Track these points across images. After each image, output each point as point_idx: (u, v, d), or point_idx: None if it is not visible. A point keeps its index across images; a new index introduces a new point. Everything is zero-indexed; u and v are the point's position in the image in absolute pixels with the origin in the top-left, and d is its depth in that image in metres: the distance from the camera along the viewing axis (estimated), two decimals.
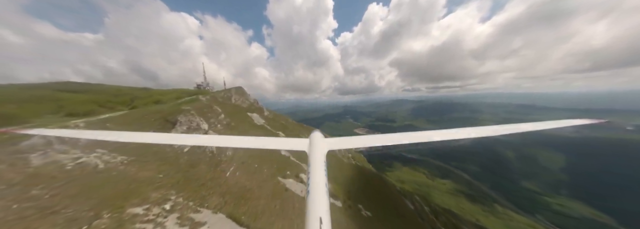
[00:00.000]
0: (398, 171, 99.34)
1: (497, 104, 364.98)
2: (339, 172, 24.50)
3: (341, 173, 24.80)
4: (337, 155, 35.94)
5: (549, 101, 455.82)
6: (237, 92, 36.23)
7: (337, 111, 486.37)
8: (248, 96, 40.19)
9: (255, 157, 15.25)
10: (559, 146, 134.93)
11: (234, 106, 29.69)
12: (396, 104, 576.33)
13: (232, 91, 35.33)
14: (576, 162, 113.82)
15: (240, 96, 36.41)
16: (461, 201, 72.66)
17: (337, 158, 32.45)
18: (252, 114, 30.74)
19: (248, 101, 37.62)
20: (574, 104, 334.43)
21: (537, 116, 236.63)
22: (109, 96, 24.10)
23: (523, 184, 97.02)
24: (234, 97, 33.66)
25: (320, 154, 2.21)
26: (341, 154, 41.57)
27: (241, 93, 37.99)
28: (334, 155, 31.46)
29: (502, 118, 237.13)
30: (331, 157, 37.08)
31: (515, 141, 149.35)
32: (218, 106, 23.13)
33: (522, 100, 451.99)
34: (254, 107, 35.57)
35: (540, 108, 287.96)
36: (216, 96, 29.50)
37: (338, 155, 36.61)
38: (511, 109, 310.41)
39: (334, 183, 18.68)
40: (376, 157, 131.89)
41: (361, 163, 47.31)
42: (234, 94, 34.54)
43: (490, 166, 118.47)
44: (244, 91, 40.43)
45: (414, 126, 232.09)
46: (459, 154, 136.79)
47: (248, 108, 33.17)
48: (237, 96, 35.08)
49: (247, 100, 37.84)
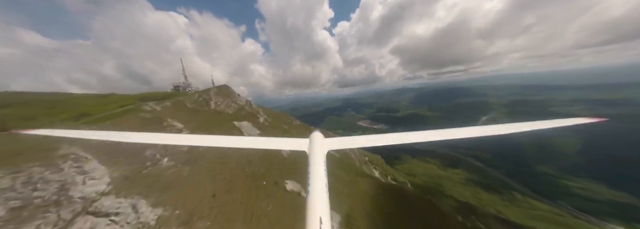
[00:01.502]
0: (407, 164, 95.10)
1: (502, 87, 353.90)
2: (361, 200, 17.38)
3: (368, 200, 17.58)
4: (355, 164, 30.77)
5: (558, 79, 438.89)
6: (219, 93, 30.28)
7: (338, 104, 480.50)
8: (237, 97, 34.31)
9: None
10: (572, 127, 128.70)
11: (213, 114, 23.78)
12: (398, 93, 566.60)
13: (211, 92, 28.94)
14: (592, 143, 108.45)
15: (224, 97, 30.58)
16: (477, 191, 68.63)
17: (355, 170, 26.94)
18: (241, 122, 24.38)
19: (236, 104, 31.74)
20: (585, 80, 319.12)
21: (547, 96, 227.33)
22: (43, 108, 18.92)
23: (539, 169, 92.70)
24: (214, 100, 27.49)
25: (320, 154, 2.25)
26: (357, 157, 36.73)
27: (225, 94, 32.12)
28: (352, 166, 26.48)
29: (508, 101, 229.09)
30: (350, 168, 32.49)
31: None
32: (178, 119, 16.87)
33: (528, 80, 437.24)
34: (244, 113, 29.72)
35: (549, 88, 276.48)
36: (186, 100, 23.63)
37: (356, 163, 31.74)
38: (517, 90, 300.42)
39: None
40: (382, 149, 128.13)
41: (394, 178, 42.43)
42: (214, 96, 28.33)
43: (502, 152, 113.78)
44: (231, 91, 34.75)
45: (419, 114, 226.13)
46: (467, 141, 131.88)
47: (235, 115, 27.31)
48: (220, 98, 29.19)
49: (235, 102, 32.05)
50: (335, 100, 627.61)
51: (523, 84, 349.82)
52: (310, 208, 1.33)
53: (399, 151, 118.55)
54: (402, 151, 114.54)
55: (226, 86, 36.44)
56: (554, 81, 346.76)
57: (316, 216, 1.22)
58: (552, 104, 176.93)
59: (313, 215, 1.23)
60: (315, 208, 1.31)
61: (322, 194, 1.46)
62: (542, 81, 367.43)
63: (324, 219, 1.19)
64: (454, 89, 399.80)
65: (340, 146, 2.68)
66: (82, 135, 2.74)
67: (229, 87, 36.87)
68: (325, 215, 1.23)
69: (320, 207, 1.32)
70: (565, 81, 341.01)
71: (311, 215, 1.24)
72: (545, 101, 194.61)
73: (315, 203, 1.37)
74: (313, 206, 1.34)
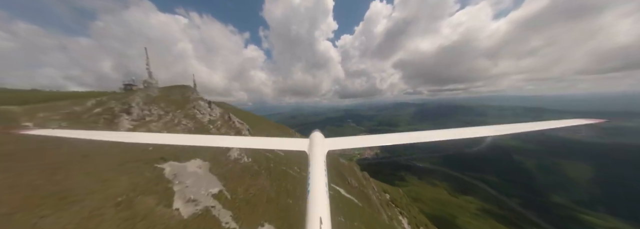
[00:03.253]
0: (413, 186, 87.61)
1: (503, 107, 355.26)
2: None
3: None
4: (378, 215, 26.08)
5: (558, 103, 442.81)
6: (169, 98, 22.87)
7: (338, 114, 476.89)
8: (208, 107, 25.14)
9: None
10: (580, 153, 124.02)
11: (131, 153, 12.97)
12: (398, 107, 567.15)
13: (138, 95, 20.89)
14: (604, 173, 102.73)
15: (175, 105, 22.49)
16: (496, 226, 60.85)
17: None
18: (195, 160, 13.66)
19: (206, 116, 22.66)
20: (588, 106, 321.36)
21: (549, 119, 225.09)
22: None
23: (554, 199, 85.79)
24: (137, 109, 17.96)
25: (320, 154, 2.24)
26: (376, 193, 30.95)
27: (182, 99, 24.32)
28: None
29: (510, 122, 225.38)
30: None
31: (532, 148, 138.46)
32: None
33: (528, 103, 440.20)
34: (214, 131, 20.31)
35: (550, 111, 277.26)
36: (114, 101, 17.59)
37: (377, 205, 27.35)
38: (518, 112, 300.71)
39: None
40: (386, 166, 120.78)
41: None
42: (154, 104, 19.97)
43: (510, 175, 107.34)
44: (189, 94, 26.84)
45: (420, 130, 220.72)
46: (474, 162, 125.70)
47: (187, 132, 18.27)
48: (167, 104, 21.58)
49: (204, 113, 23.44)
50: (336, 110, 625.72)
51: (525, 106, 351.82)
52: (310, 208, 1.32)
53: (402, 168, 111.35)
54: (407, 170, 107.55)
55: (186, 86, 30.13)
56: (555, 105, 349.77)
57: (316, 216, 1.22)
58: (558, 130, 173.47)
59: (313, 215, 1.23)
60: (315, 208, 1.31)
61: (322, 194, 1.45)
62: (543, 105, 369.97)
63: (324, 219, 1.19)
64: (454, 108, 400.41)
65: (340, 146, 2.64)
66: (82, 135, 2.69)
67: (190, 87, 29.95)
68: (325, 215, 1.24)
69: (320, 207, 1.32)
70: (567, 106, 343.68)
71: (311, 215, 1.24)
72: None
73: (315, 203, 1.36)
74: (313, 206, 1.34)
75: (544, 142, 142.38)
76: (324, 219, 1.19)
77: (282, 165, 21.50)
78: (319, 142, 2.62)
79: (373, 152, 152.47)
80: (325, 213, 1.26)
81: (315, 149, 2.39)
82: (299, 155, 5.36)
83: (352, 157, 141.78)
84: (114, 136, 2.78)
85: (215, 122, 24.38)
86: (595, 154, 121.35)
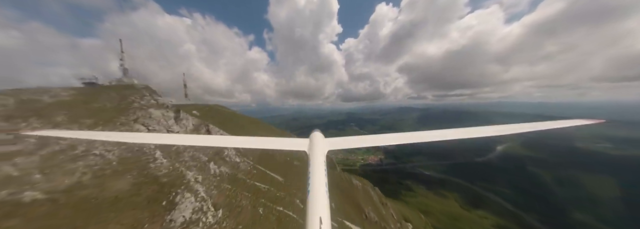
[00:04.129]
0: (421, 197, 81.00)
1: (512, 114, 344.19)
2: None
3: None
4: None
5: (570, 110, 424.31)
6: (88, 105, 16.59)
7: (341, 117, 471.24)
8: (173, 118, 19.50)
9: None
10: (601, 166, 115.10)
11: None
12: (401, 111, 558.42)
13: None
14: (629, 189, 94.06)
15: (97, 117, 15.91)
16: None
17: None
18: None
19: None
20: (603, 114, 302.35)
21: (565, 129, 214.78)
22: None
23: (576, 216, 77.91)
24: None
25: (320, 154, 2.23)
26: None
27: (116, 107, 17.50)
28: None
29: None
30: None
31: (547, 158, 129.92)
32: None
33: (538, 109, 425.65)
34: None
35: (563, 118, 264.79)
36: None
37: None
38: (528, 119, 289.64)
39: None
40: (391, 173, 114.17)
41: None
42: (36, 116, 14.02)
43: (525, 188, 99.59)
44: (133, 97, 19.74)
45: None
46: (485, 172, 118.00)
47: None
48: (79, 115, 15.37)
49: (160, 128, 17.73)
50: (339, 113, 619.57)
51: (535, 113, 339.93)
52: (310, 207, 1.32)
53: (408, 176, 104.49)
54: (414, 179, 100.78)
55: (133, 87, 22.20)
56: (568, 113, 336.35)
57: (316, 216, 1.22)
58: (574, 140, 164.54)
59: (313, 215, 1.23)
60: (315, 208, 1.30)
61: (322, 194, 1.44)
62: (553, 112, 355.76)
63: (324, 219, 1.18)
64: (460, 113, 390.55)
65: (341, 146, 2.66)
66: (83, 136, 2.75)
67: (142, 90, 21.92)
68: (325, 215, 1.23)
69: (320, 207, 1.31)
70: (581, 114, 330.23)
71: (311, 215, 1.23)
72: (565, 135, 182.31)
73: (315, 203, 1.35)
74: (313, 206, 1.33)
75: (559, 153, 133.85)
76: (324, 219, 1.18)
77: (277, 203, 15.23)
78: (319, 142, 2.60)
79: (377, 158, 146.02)
80: (325, 213, 1.25)
81: (316, 149, 2.36)
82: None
83: (355, 163, 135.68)
84: (114, 136, 2.86)
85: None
86: (617, 167, 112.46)
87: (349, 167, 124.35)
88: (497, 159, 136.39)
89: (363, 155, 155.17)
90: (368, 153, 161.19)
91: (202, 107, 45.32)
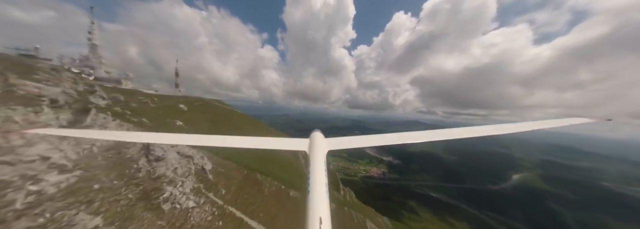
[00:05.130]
0: (427, 222, 71.93)
1: (529, 142, 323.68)
2: None
3: None
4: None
5: (598, 145, 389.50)
6: None
7: (345, 124, 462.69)
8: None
9: None
10: (634, 213, 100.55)
11: None
12: (408, 125, 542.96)
13: None
14: None
15: None
16: None
17: None
18: None
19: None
20: (637, 154, 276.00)
21: (589, 163, 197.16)
22: None
23: None
24: None
25: (320, 154, 2.24)
26: None
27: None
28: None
29: (539, 160, 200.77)
30: None
31: (571, 196, 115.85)
32: None
33: (559, 140, 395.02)
34: None
35: (587, 154, 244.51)
36: None
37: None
38: (546, 149, 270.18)
39: None
40: (394, 190, 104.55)
41: None
42: None
43: (543, 225, 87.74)
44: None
45: (433, 154, 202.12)
46: (499, 202, 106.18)
47: None
48: None
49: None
50: (344, 119, 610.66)
51: (557, 143, 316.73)
52: (310, 207, 1.32)
53: (415, 198, 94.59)
54: (419, 200, 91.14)
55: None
56: (590, 147, 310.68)
57: (316, 216, 1.21)
58: (601, 178, 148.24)
59: (313, 215, 1.23)
60: (315, 208, 1.30)
61: (322, 194, 1.44)
62: (578, 145, 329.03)
63: (324, 219, 1.18)
64: None
65: (340, 146, 2.65)
66: (83, 134, 2.72)
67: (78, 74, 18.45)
68: (325, 215, 1.23)
69: (321, 207, 1.31)
70: (612, 150, 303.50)
71: (311, 215, 1.23)
72: (590, 171, 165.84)
73: (315, 203, 1.35)
74: (313, 206, 1.33)
75: (584, 192, 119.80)
76: (324, 219, 1.18)
77: None
78: (319, 142, 2.59)
79: (380, 171, 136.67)
80: (325, 213, 1.24)
81: (316, 149, 2.36)
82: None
83: (356, 173, 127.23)
84: (114, 136, 2.79)
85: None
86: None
87: (349, 177, 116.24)
88: (513, 189, 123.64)
89: (365, 166, 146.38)
90: (371, 164, 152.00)
91: (194, 100, 39.64)
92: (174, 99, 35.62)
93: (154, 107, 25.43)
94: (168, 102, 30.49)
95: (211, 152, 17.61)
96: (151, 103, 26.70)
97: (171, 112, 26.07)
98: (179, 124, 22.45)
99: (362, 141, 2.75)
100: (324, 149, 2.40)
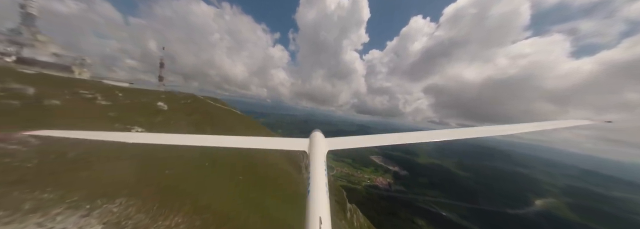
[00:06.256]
0: None
1: (553, 163, 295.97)
2: None
3: None
4: None
5: (630, 172, 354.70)
6: None
7: (352, 128, 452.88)
8: None
9: None
10: None
11: None
12: None
13: None
14: None
15: None
16: None
17: None
18: None
19: None
20: None
21: (622, 192, 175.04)
22: None
23: None
24: None
25: (320, 154, 2.24)
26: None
27: None
28: None
29: (565, 185, 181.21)
30: None
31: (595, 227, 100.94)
32: None
33: (586, 164, 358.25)
34: None
35: (621, 182, 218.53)
36: None
37: None
38: (573, 173, 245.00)
39: None
40: (401, 204, 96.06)
41: None
42: None
43: None
44: None
45: (444, 167, 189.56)
46: (517, 228, 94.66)
47: None
48: None
49: None
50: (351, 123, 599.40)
51: (584, 168, 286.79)
52: (310, 207, 1.31)
53: (424, 216, 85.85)
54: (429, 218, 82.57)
55: None
56: (626, 175, 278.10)
57: (316, 215, 1.20)
58: (636, 209, 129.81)
59: (313, 215, 1.22)
60: (315, 208, 1.29)
61: (322, 194, 1.43)
62: (607, 171, 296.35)
63: (324, 219, 1.17)
64: (489, 149, 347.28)
65: (340, 146, 2.63)
66: (83, 136, 2.73)
67: None
68: (325, 215, 1.22)
69: (321, 207, 1.31)
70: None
71: (311, 215, 1.22)
72: (624, 201, 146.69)
73: (315, 203, 1.35)
74: (313, 205, 1.32)
75: (620, 227, 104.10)
76: (324, 219, 1.17)
77: None
78: (319, 142, 2.58)
79: (386, 182, 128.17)
80: (325, 213, 1.24)
81: (316, 149, 2.35)
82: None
83: (360, 182, 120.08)
84: (114, 136, 2.83)
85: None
86: None
87: (352, 185, 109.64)
88: (536, 216, 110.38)
89: (370, 174, 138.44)
90: (376, 173, 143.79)
91: (180, 97, 33.83)
92: (153, 95, 29.59)
93: (105, 106, 18.42)
94: (141, 99, 24.80)
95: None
96: (104, 101, 19.40)
97: (136, 114, 18.93)
98: (138, 130, 14.95)
99: (362, 141, 2.70)
100: (324, 149, 2.38)
